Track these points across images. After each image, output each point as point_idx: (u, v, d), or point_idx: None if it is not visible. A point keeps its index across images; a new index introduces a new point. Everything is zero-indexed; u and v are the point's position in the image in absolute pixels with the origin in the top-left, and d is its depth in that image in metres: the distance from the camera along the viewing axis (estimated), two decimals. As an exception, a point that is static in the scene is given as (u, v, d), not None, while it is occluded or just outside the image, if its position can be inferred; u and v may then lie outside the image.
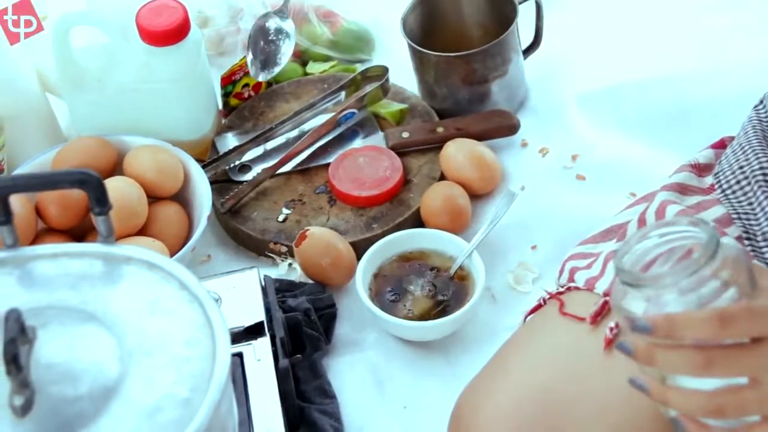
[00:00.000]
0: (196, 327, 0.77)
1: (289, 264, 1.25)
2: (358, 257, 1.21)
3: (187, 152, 1.28)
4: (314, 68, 1.45)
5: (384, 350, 1.18)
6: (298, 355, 1.12)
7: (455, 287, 1.19)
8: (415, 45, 1.33)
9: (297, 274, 1.24)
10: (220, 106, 1.40)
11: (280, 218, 1.28)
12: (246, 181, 1.30)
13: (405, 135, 1.33)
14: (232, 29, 1.48)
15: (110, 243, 0.82)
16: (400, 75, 1.38)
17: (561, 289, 1.05)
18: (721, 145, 1.13)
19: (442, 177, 1.30)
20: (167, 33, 1.26)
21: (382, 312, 1.16)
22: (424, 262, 1.21)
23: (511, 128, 1.34)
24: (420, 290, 1.19)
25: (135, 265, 0.81)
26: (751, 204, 1.04)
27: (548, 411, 0.93)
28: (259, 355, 1.07)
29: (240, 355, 1.06)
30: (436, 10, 1.38)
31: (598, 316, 0.99)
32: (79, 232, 1.24)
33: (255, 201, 1.30)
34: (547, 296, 1.05)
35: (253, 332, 1.08)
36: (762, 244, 1.02)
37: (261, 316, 1.10)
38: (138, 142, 1.28)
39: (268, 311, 1.11)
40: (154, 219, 1.23)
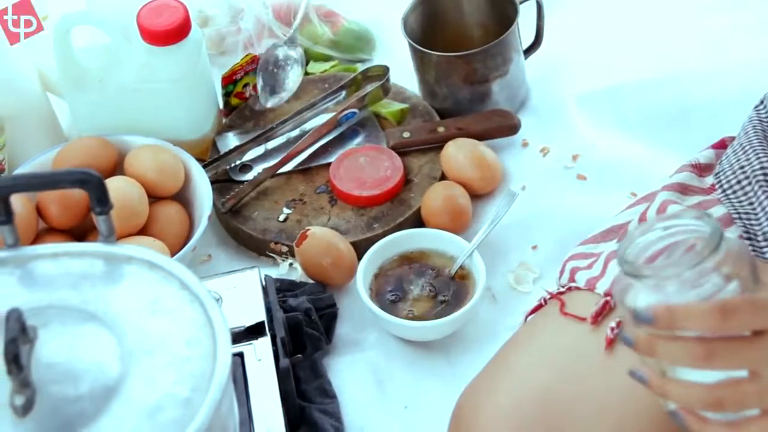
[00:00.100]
0: (197, 327, 0.77)
1: (290, 264, 1.25)
2: (359, 257, 1.21)
3: (187, 152, 1.28)
4: (315, 68, 1.45)
5: (384, 350, 1.18)
6: (299, 355, 1.12)
7: (456, 287, 1.19)
8: (415, 45, 1.33)
9: (298, 274, 1.24)
10: (221, 106, 1.40)
11: (281, 218, 1.28)
12: (247, 181, 1.30)
13: (406, 135, 1.32)
14: (232, 29, 1.48)
15: (111, 243, 0.82)
16: (401, 75, 1.38)
17: (562, 289, 1.05)
18: (721, 145, 1.13)
19: (443, 177, 1.30)
20: (168, 33, 1.26)
21: (382, 312, 1.16)
22: (424, 262, 1.21)
23: (511, 128, 1.34)
24: (420, 290, 1.19)
25: (136, 265, 0.81)
26: (751, 204, 1.04)
27: (549, 411, 0.93)
28: (260, 355, 1.07)
29: (241, 355, 1.06)
30: (436, 9, 1.38)
31: (599, 316, 0.99)
32: (80, 231, 1.24)
33: (256, 201, 1.30)
34: (548, 296, 1.05)
35: (253, 332, 1.09)
36: (763, 243, 1.02)
37: (262, 316, 1.10)
38: (139, 142, 1.28)
39: (268, 311, 1.11)
40: (155, 219, 1.23)
